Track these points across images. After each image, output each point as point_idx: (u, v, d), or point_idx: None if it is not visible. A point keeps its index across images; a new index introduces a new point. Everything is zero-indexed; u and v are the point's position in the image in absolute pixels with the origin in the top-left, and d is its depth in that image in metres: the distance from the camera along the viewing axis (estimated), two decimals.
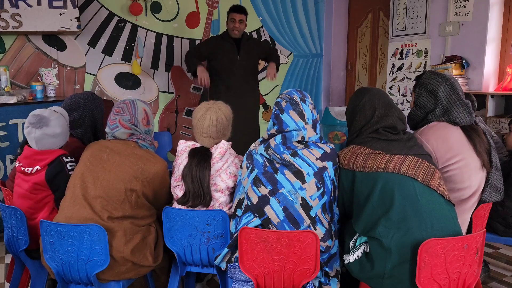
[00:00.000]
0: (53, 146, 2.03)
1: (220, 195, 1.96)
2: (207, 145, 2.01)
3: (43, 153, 2.01)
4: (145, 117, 2.06)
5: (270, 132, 1.90)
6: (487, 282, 2.55)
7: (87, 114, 2.33)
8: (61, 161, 2.02)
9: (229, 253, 1.81)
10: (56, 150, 2.05)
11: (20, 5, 3.46)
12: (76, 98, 2.35)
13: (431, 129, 2.05)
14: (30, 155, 2.02)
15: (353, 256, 1.73)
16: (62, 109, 2.15)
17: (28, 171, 2.00)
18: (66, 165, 2.03)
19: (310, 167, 1.77)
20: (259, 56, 4.06)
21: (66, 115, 2.13)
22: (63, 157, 2.04)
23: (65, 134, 2.07)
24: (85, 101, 2.34)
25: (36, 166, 1.99)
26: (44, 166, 2.00)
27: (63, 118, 2.07)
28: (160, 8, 4.37)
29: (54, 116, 2.02)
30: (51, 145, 2.03)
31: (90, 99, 2.36)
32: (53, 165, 2.01)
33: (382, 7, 4.81)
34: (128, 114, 2.00)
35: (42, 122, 1.97)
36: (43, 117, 1.98)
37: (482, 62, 3.69)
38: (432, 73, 2.14)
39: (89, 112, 2.33)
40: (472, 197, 2.01)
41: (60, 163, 2.02)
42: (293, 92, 1.91)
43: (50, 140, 2.01)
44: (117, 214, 1.84)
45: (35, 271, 2.08)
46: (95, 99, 2.40)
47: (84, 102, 2.33)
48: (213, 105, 2.04)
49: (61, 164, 2.02)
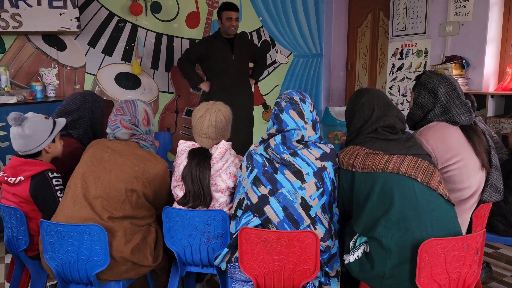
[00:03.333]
0: (24, 147, 1.97)
1: (221, 195, 1.96)
2: (206, 145, 2.01)
3: (28, 163, 1.97)
4: (145, 117, 2.05)
5: (269, 131, 1.90)
6: (487, 282, 2.55)
7: (86, 114, 2.31)
8: (46, 176, 1.97)
9: (229, 253, 1.81)
10: (43, 163, 2.00)
11: (20, 5, 3.46)
12: (76, 98, 2.33)
13: (430, 129, 2.05)
14: (15, 165, 1.98)
15: (353, 256, 1.73)
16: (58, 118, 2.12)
17: (11, 181, 1.96)
18: (52, 180, 1.97)
19: (309, 167, 1.77)
20: (251, 55, 4.06)
21: (57, 123, 2.08)
22: (48, 172, 1.98)
23: (36, 139, 1.98)
24: (85, 100, 2.32)
25: (19, 177, 1.95)
26: (28, 178, 1.96)
27: (44, 124, 2.01)
28: (160, 8, 4.37)
29: (33, 119, 1.98)
30: (21, 146, 1.97)
31: (90, 98, 2.35)
32: (37, 179, 1.96)
33: (382, 7, 4.81)
34: (129, 114, 2.00)
35: (18, 120, 1.94)
36: (21, 116, 1.96)
37: (482, 62, 3.69)
38: (432, 73, 2.14)
39: (88, 112, 2.32)
40: (472, 197, 2.01)
41: (44, 179, 1.96)
42: (292, 92, 1.92)
43: (19, 141, 1.97)
44: (117, 214, 1.84)
45: (35, 271, 2.08)
46: (95, 98, 2.38)
47: (84, 102, 2.31)
48: (213, 106, 2.04)
49: (46, 180, 1.96)
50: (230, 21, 3.77)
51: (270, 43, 5.06)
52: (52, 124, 2.06)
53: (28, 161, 1.99)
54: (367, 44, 5.13)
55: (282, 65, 5.19)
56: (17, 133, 1.96)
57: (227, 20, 3.77)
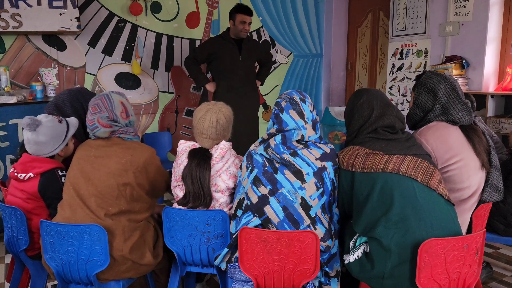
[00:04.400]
0: (37, 152, 1.99)
1: (221, 196, 1.96)
2: (207, 146, 2.01)
3: (39, 160, 1.99)
4: (123, 110, 1.99)
5: (269, 131, 1.90)
6: (487, 282, 2.55)
7: (78, 107, 2.26)
8: (55, 174, 1.99)
9: (229, 253, 1.81)
10: (53, 161, 2.01)
11: (20, 5, 3.46)
12: (62, 93, 2.29)
13: (430, 129, 2.05)
14: (25, 161, 2.00)
15: (353, 256, 1.73)
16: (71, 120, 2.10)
17: (21, 177, 1.98)
18: (60, 178, 1.99)
19: (309, 167, 1.77)
20: (258, 57, 4.07)
21: (71, 126, 2.08)
22: (58, 170, 2.00)
23: (51, 145, 2.00)
24: (71, 93, 2.27)
25: (29, 173, 1.97)
26: (37, 175, 1.98)
27: (58, 129, 2.02)
28: (160, 8, 4.37)
29: (47, 124, 1.98)
30: (34, 151, 1.99)
31: (76, 92, 2.29)
32: (46, 176, 1.98)
33: (382, 7, 4.81)
34: (106, 111, 1.93)
35: (32, 126, 1.95)
36: (35, 122, 1.95)
37: (482, 62, 3.69)
38: (432, 73, 2.14)
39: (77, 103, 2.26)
40: (472, 197, 2.01)
41: (53, 176, 1.99)
42: (293, 92, 1.92)
43: (33, 146, 1.98)
44: (113, 210, 1.84)
45: (35, 271, 2.08)
46: (81, 92, 2.31)
47: (70, 95, 2.27)
48: (214, 106, 2.04)
49: (55, 177, 1.99)
50: (244, 25, 3.75)
51: (270, 43, 5.06)
52: (65, 128, 2.06)
53: (39, 158, 2.00)
54: (367, 44, 5.13)
55: (282, 65, 5.20)
56: (31, 139, 1.96)
57: (241, 23, 3.74)
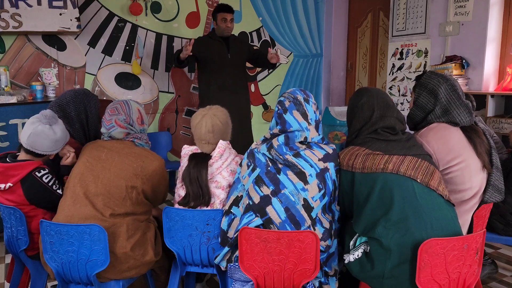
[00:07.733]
0: (39, 146, 1.94)
1: (221, 192, 1.97)
2: (207, 151, 2.03)
3: (13, 168, 1.93)
4: (139, 116, 2.09)
5: (272, 131, 1.89)
6: (487, 282, 2.55)
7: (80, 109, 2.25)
8: (35, 177, 1.94)
9: (229, 252, 1.81)
10: (27, 164, 1.94)
11: (20, 5, 3.46)
12: (67, 93, 2.28)
13: (431, 130, 2.04)
14: (2, 171, 1.94)
15: (353, 256, 1.73)
16: None
17: (1, 187, 1.93)
18: (41, 179, 1.95)
19: (312, 168, 1.77)
20: (246, 54, 4.06)
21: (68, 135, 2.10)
22: (35, 172, 1.95)
23: (59, 145, 2.00)
24: (76, 95, 2.27)
25: (8, 183, 1.92)
26: (16, 183, 1.93)
27: (65, 132, 2.03)
28: (160, 8, 4.37)
29: (62, 125, 2.03)
30: (39, 145, 1.93)
31: (81, 93, 2.29)
32: (27, 184, 1.93)
33: (382, 7, 4.81)
34: (124, 114, 2.03)
35: (52, 120, 1.96)
36: (55, 118, 1.99)
37: (482, 62, 3.69)
38: (432, 73, 2.14)
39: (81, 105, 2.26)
40: (473, 198, 2.01)
41: (34, 181, 1.94)
42: (296, 91, 1.90)
43: (42, 140, 1.93)
44: (119, 211, 1.86)
45: (35, 271, 2.08)
46: (86, 94, 2.31)
47: (75, 96, 2.26)
48: (209, 111, 2.06)
49: (35, 181, 1.94)
50: (225, 22, 3.81)
51: (270, 43, 5.06)
52: (68, 136, 2.08)
53: (12, 165, 1.94)
54: (367, 44, 5.12)
55: (282, 65, 5.19)
56: (44, 132, 1.92)
57: (222, 21, 3.81)
